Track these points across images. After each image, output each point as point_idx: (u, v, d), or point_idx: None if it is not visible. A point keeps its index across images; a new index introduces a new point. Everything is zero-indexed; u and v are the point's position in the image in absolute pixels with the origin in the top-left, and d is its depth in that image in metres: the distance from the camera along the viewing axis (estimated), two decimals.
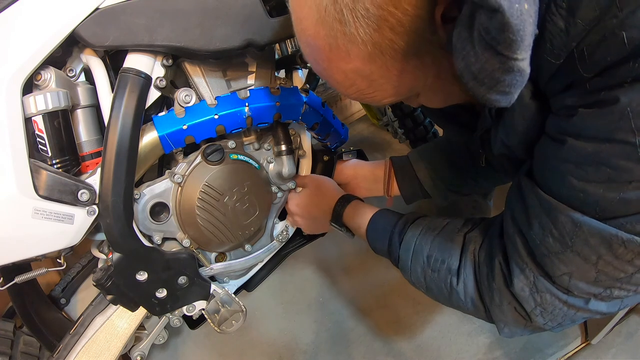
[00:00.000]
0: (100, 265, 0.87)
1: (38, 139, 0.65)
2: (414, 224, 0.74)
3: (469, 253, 0.65)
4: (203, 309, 0.88)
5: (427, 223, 0.73)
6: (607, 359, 1.12)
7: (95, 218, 0.69)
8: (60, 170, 0.67)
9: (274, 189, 0.94)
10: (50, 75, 0.66)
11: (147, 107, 0.71)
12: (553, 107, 0.50)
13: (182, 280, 0.81)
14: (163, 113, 0.76)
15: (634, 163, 0.44)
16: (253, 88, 0.82)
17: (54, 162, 0.66)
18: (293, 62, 0.90)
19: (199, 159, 0.81)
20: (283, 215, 1.01)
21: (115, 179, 0.67)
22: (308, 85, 0.92)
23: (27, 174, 0.62)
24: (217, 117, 0.76)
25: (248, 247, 0.93)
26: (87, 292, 0.98)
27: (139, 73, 0.68)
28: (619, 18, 0.40)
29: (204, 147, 0.81)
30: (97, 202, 0.69)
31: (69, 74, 0.72)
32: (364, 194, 1.02)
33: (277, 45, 1.08)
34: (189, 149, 0.82)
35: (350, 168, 1.05)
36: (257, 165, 0.87)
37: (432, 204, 1.28)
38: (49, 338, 0.86)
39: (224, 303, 0.89)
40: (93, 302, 0.84)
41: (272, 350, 1.22)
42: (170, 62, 0.73)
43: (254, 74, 0.83)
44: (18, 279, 0.73)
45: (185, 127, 0.74)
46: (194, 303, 0.87)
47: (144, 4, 0.66)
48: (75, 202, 0.67)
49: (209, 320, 0.87)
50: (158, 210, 0.80)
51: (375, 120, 1.61)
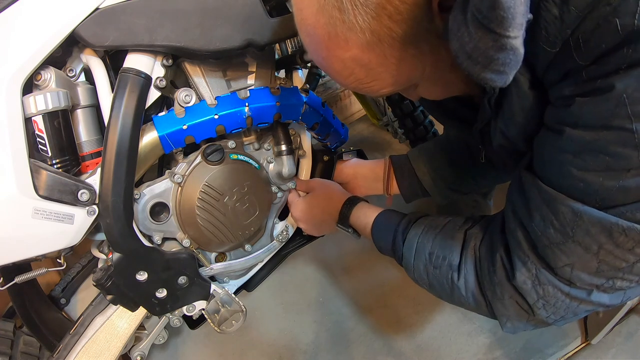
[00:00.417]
0: (100, 265, 0.87)
1: (38, 139, 0.65)
2: (417, 223, 0.74)
3: (470, 249, 0.66)
4: (203, 309, 0.88)
5: (429, 222, 0.73)
6: (607, 359, 1.12)
7: (95, 218, 0.70)
8: (60, 170, 0.67)
9: (274, 189, 0.94)
10: (50, 75, 0.66)
11: (147, 107, 0.71)
12: (551, 97, 0.51)
13: (182, 280, 0.82)
14: (163, 113, 0.76)
15: (632, 150, 0.44)
16: (253, 88, 0.82)
17: (54, 162, 0.66)
18: (293, 62, 0.90)
19: (199, 159, 0.81)
20: (283, 215, 1.01)
21: (115, 179, 0.67)
22: (308, 85, 0.92)
23: (27, 174, 0.62)
24: (217, 117, 0.76)
25: (248, 247, 0.93)
26: (87, 292, 0.98)
27: (139, 73, 0.68)
28: (612, 5, 0.40)
29: (204, 147, 0.81)
30: (97, 202, 0.69)
31: (69, 74, 0.72)
32: (364, 193, 1.02)
33: (277, 45, 1.08)
34: (189, 149, 0.82)
35: (350, 167, 1.05)
36: (257, 165, 0.87)
37: (432, 203, 1.28)
38: (49, 338, 0.86)
39: (224, 303, 0.89)
40: (93, 302, 0.84)
41: (272, 350, 1.22)
42: (170, 62, 0.73)
43: (254, 74, 0.83)
44: (18, 279, 0.73)
45: (185, 127, 0.74)
46: (194, 303, 0.87)
47: (144, 4, 0.66)
48: (75, 202, 0.67)
49: (209, 320, 0.87)
50: (158, 210, 0.80)
51: (375, 120, 1.60)
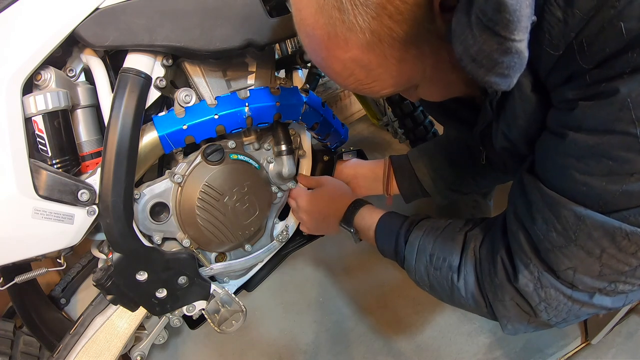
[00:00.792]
0: (100, 265, 0.87)
1: (38, 139, 0.65)
2: (418, 225, 0.74)
3: (470, 250, 0.66)
4: (203, 309, 0.88)
5: (430, 224, 0.74)
6: (607, 359, 1.12)
7: (95, 218, 0.69)
8: (60, 170, 0.67)
9: (274, 189, 0.94)
10: (50, 75, 0.66)
11: (147, 107, 0.71)
12: (554, 100, 0.50)
13: (182, 280, 0.82)
14: (163, 113, 0.76)
15: (636, 154, 0.44)
16: (253, 88, 0.82)
17: (54, 162, 0.66)
18: (293, 62, 0.90)
19: (199, 159, 0.81)
20: (283, 215, 1.01)
21: (115, 179, 0.67)
22: (308, 85, 0.92)
23: (27, 174, 0.62)
24: (217, 117, 0.76)
25: (248, 247, 0.93)
26: (87, 292, 0.98)
27: (139, 73, 0.68)
28: (617, 8, 0.40)
29: (204, 147, 0.81)
30: (97, 202, 0.69)
31: (69, 74, 0.72)
32: (364, 193, 1.02)
33: (277, 45, 1.08)
34: (189, 149, 0.82)
35: (350, 168, 1.05)
36: (257, 165, 0.87)
37: (432, 203, 1.28)
38: (49, 338, 0.86)
39: (224, 303, 0.89)
40: (93, 302, 0.84)
41: (272, 350, 1.22)
42: (170, 62, 0.73)
43: (254, 74, 0.83)
44: (18, 279, 0.73)
45: (185, 127, 0.74)
46: (194, 303, 0.87)
47: (144, 4, 0.66)
48: (75, 202, 0.67)
49: (209, 320, 0.87)
50: (158, 210, 0.80)
51: (375, 120, 1.60)
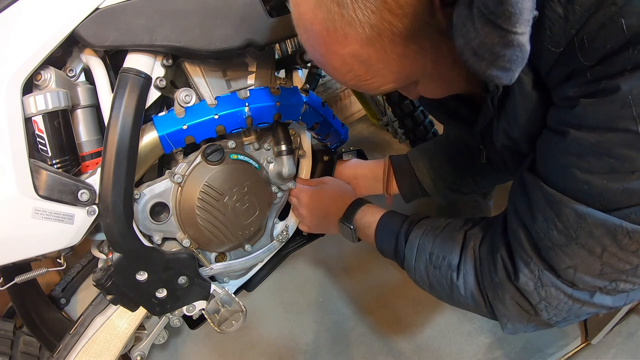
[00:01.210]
0: (100, 265, 0.87)
1: (38, 139, 0.65)
2: (418, 224, 0.75)
3: (469, 249, 0.66)
4: (203, 309, 0.88)
5: (430, 223, 0.74)
6: (607, 359, 1.12)
7: (95, 218, 0.69)
8: (60, 170, 0.67)
9: (274, 189, 0.94)
10: (50, 75, 0.66)
11: (147, 107, 0.71)
12: (555, 98, 0.50)
13: (182, 280, 0.82)
14: (163, 113, 0.76)
15: (637, 152, 0.44)
16: (253, 88, 0.82)
17: (54, 162, 0.66)
18: (293, 62, 0.90)
19: (199, 159, 0.81)
20: (283, 215, 1.01)
21: (115, 179, 0.67)
22: (308, 85, 0.92)
23: (27, 174, 0.62)
24: (217, 117, 0.76)
25: (248, 247, 0.93)
26: (87, 292, 0.98)
27: (139, 73, 0.68)
28: (618, 5, 0.40)
29: (204, 147, 0.81)
30: (97, 202, 0.69)
31: (69, 74, 0.72)
32: (364, 193, 1.02)
33: (277, 45, 1.08)
34: (189, 149, 0.82)
35: (350, 168, 1.05)
36: (257, 165, 0.87)
37: (431, 203, 1.28)
38: (49, 338, 0.86)
39: (224, 303, 0.89)
40: (93, 302, 0.84)
41: (272, 350, 1.22)
42: (170, 62, 0.73)
43: (254, 74, 0.83)
44: (18, 279, 0.73)
45: (185, 127, 0.74)
46: (194, 303, 0.87)
47: (144, 4, 0.66)
48: (75, 202, 0.67)
49: (209, 320, 0.87)
50: (158, 210, 0.80)
51: (375, 120, 1.60)
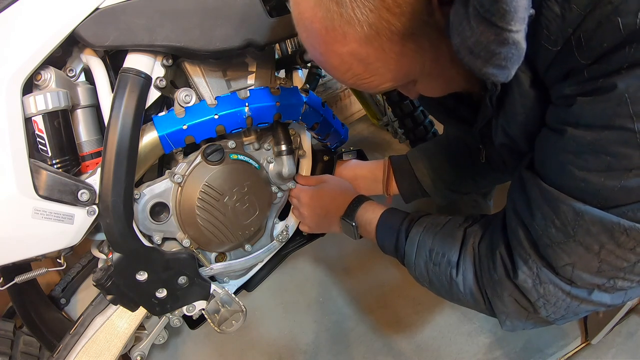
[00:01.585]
0: (100, 265, 0.87)
1: (38, 139, 0.65)
2: (419, 221, 0.75)
3: (469, 246, 0.66)
4: (203, 309, 0.88)
5: (430, 220, 0.74)
6: (607, 359, 1.12)
7: (95, 218, 0.69)
8: (60, 170, 0.67)
9: (274, 189, 0.94)
10: (50, 75, 0.66)
11: (147, 107, 0.71)
12: (552, 97, 0.50)
13: (182, 280, 0.82)
14: (163, 113, 0.76)
15: (634, 149, 0.44)
16: (253, 88, 0.82)
17: (54, 162, 0.66)
18: (293, 62, 0.90)
19: (199, 159, 0.81)
20: (283, 215, 1.01)
21: (115, 179, 0.67)
22: (308, 85, 0.92)
23: (27, 174, 0.62)
24: (217, 117, 0.76)
25: (248, 247, 0.93)
26: (87, 292, 0.98)
27: (139, 73, 0.68)
28: (614, 4, 0.40)
29: (204, 147, 0.81)
30: (97, 202, 0.69)
31: (69, 74, 0.72)
32: (364, 194, 1.02)
33: (277, 45, 1.08)
34: (189, 149, 0.82)
35: (350, 169, 1.05)
36: (257, 165, 0.87)
37: (431, 203, 1.28)
38: (49, 338, 0.86)
39: (224, 303, 0.89)
40: (93, 302, 0.84)
41: (272, 350, 1.22)
42: (170, 62, 0.73)
43: (254, 74, 0.83)
44: (18, 279, 0.73)
45: (185, 127, 0.74)
46: (194, 303, 0.87)
47: (144, 4, 0.66)
48: (75, 202, 0.67)
49: (209, 320, 0.87)
50: (158, 210, 0.80)
51: (375, 120, 1.60)
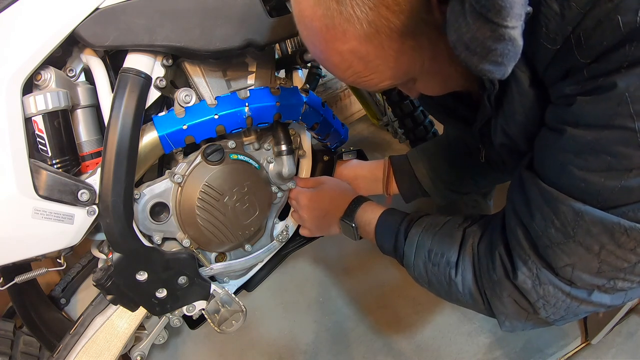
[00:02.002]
0: (100, 265, 0.87)
1: (38, 139, 0.65)
2: (418, 222, 0.75)
3: (468, 246, 0.66)
4: (203, 309, 0.88)
5: (429, 220, 0.74)
6: (607, 359, 1.12)
7: (95, 218, 0.69)
8: (60, 170, 0.67)
9: (274, 189, 0.94)
10: (50, 75, 0.66)
11: (147, 107, 0.71)
12: (552, 96, 0.50)
13: (182, 280, 0.82)
14: (163, 113, 0.76)
15: (634, 149, 0.44)
16: (253, 88, 0.82)
17: (54, 162, 0.66)
18: (293, 62, 0.90)
19: (199, 159, 0.81)
20: (283, 215, 1.01)
21: (115, 179, 0.67)
22: (308, 85, 0.92)
23: (27, 174, 0.62)
24: (217, 117, 0.76)
25: (248, 247, 0.93)
26: (87, 292, 0.98)
27: (139, 73, 0.68)
28: (614, 2, 0.40)
29: (204, 147, 0.81)
30: (97, 202, 0.69)
31: (69, 74, 0.72)
32: (364, 194, 1.01)
33: (277, 45, 1.08)
34: (189, 149, 0.82)
35: (350, 169, 1.05)
36: (257, 165, 0.87)
37: (432, 203, 1.28)
38: (49, 338, 0.86)
39: (224, 303, 0.89)
40: (93, 302, 0.84)
41: (272, 350, 1.22)
42: (170, 62, 0.73)
43: (254, 74, 0.83)
44: (18, 279, 0.73)
45: (185, 127, 0.74)
46: (194, 303, 0.87)
47: (144, 4, 0.66)
48: (75, 202, 0.67)
49: (209, 320, 0.87)
50: (158, 210, 0.80)
51: (375, 120, 1.60)
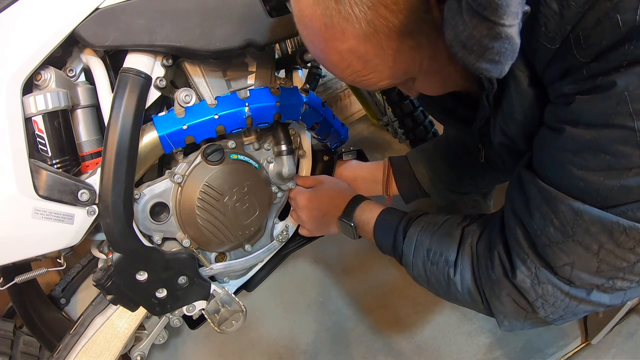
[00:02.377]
0: (100, 265, 0.87)
1: (38, 139, 0.65)
2: (417, 221, 0.75)
3: (467, 245, 0.66)
4: (203, 309, 0.88)
5: (428, 219, 0.74)
6: (607, 359, 1.12)
7: (95, 218, 0.69)
8: (60, 170, 0.67)
9: (274, 189, 0.94)
10: (50, 75, 0.66)
11: (147, 107, 0.71)
12: (551, 95, 0.50)
13: (182, 280, 0.82)
14: (163, 113, 0.76)
15: (633, 148, 0.43)
16: (253, 88, 0.82)
17: (54, 162, 0.66)
18: (293, 62, 0.90)
19: (199, 159, 0.81)
20: (283, 215, 1.01)
21: (115, 179, 0.67)
22: (308, 85, 0.92)
23: (27, 174, 0.62)
24: (217, 117, 0.76)
25: (248, 247, 0.93)
26: (87, 292, 0.98)
27: (139, 73, 0.68)
28: (613, 1, 0.40)
29: (204, 147, 0.81)
30: (97, 202, 0.69)
31: (69, 74, 0.72)
32: (364, 195, 1.02)
33: (277, 45, 1.08)
34: (189, 149, 0.82)
35: (349, 170, 1.05)
36: (257, 165, 0.87)
37: (432, 204, 1.28)
38: (49, 338, 0.86)
39: (224, 303, 0.89)
40: (93, 302, 0.84)
41: (272, 350, 1.22)
42: (170, 62, 0.73)
43: (254, 74, 0.83)
44: (18, 279, 0.73)
45: (185, 127, 0.74)
46: (194, 303, 0.87)
47: (144, 4, 0.66)
48: (75, 202, 0.67)
49: (209, 320, 0.87)
50: (158, 210, 0.80)
51: (375, 120, 1.60)
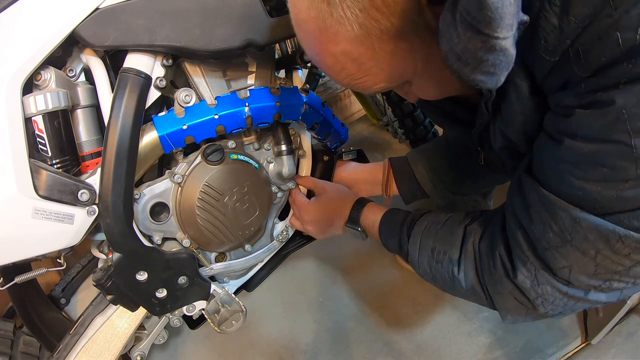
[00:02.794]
0: (100, 265, 0.87)
1: (38, 139, 0.65)
2: (420, 220, 0.76)
3: (469, 244, 0.68)
4: (203, 309, 0.88)
5: (431, 218, 0.76)
6: (607, 359, 1.12)
7: (95, 218, 0.69)
8: (60, 170, 0.67)
9: (274, 189, 0.94)
10: (50, 75, 0.66)
11: (147, 107, 0.71)
12: (551, 104, 0.51)
13: (182, 280, 0.82)
14: (163, 113, 0.76)
15: (630, 162, 0.45)
16: (253, 88, 0.82)
17: (54, 162, 0.66)
18: (293, 62, 0.90)
19: (199, 159, 0.81)
20: (283, 215, 1.01)
21: (115, 179, 0.67)
22: (308, 85, 0.92)
23: (27, 174, 0.62)
24: (217, 117, 0.76)
25: (248, 247, 0.93)
26: (87, 292, 0.98)
27: (139, 73, 0.68)
28: (613, 18, 0.40)
29: (204, 147, 0.81)
30: (97, 202, 0.69)
31: (69, 74, 0.72)
32: (364, 196, 1.02)
33: (277, 45, 1.08)
34: (189, 149, 0.82)
35: (349, 172, 1.05)
36: (257, 165, 0.87)
37: (432, 204, 1.28)
38: (49, 338, 0.86)
39: (224, 303, 0.89)
40: (93, 302, 0.84)
41: (272, 350, 1.22)
42: (170, 62, 0.73)
43: (254, 74, 0.83)
44: (18, 279, 0.73)
45: (185, 127, 0.74)
46: (194, 303, 0.87)
47: (144, 4, 0.66)
48: (75, 202, 0.67)
49: (209, 320, 0.87)
50: (158, 210, 0.80)
51: (375, 120, 1.60)
